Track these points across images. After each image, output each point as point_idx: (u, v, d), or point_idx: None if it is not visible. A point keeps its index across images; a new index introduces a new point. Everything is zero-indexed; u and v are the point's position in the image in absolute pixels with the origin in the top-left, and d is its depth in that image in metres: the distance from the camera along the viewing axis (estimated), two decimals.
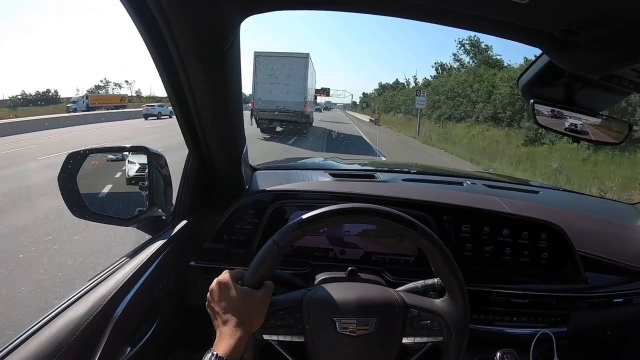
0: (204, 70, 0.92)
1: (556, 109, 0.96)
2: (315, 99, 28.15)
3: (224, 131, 1.14)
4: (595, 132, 0.98)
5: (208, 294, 0.86)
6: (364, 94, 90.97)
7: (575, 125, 0.96)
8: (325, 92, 39.15)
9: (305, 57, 17.90)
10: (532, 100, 0.96)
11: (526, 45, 0.79)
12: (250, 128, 15.93)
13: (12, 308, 2.92)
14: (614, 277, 1.25)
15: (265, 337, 0.83)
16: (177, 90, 0.99)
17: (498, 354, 1.01)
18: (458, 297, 0.85)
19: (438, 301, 0.86)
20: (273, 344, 0.85)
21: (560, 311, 1.16)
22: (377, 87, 71.56)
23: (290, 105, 16.90)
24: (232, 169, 1.26)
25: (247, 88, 17.67)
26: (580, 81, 0.92)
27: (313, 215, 0.84)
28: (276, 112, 16.89)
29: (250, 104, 17.58)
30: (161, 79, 0.97)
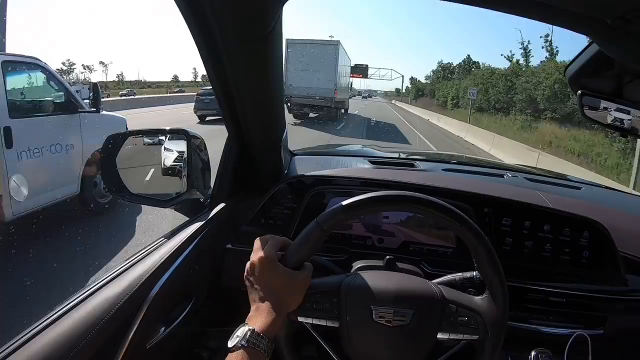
0: (246, 54, 0.91)
1: (604, 102, 0.91)
2: (351, 85, 28.21)
3: (264, 115, 1.13)
4: None
5: (248, 264, 0.85)
6: (412, 79, 72.90)
7: (624, 119, 0.90)
8: (361, 71, 34.16)
9: (336, 44, 18.36)
10: (579, 92, 0.91)
11: None
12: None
13: None
14: None
15: (300, 319, 0.82)
16: (219, 73, 0.98)
17: (532, 353, 0.99)
18: (498, 297, 0.82)
19: (478, 298, 0.84)
20: (307, 327, 0.84)
21: (597, 313, 1.12)
22: (435, 67, 54.94)
23: (321, 91, 17.39)
24: (271, 153, 1.25)
25: None
26: (631, 73, 0.86)
27: (358, 200, 0.82)
28: (307, 98, 17.36)
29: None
30: (203, 62, 0.96)
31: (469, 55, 52.99)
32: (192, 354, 1.15)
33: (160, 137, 1.28)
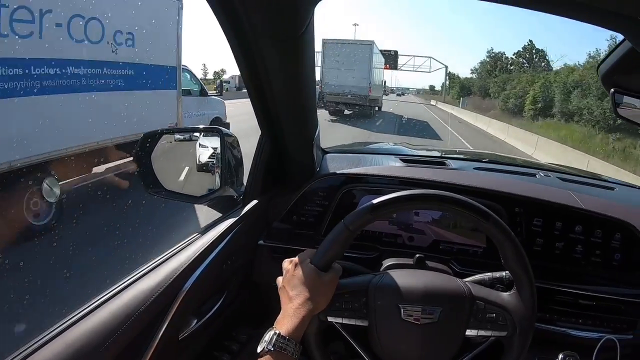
0: (280, 53, 0.93)
1: (638, 100, 0.87)
2: (384, 83, 28.14)
3: (297, 113, 1.14)
4: None
5: (283, 277, 0.87)
6: (450, 75, 55.00)
7: None
8: (388, 60, 28.52)
9: (370, 44, 18.87)
10: (612, 90, 0.88)
11: None
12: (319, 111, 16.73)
13: None
14: None
15: (330, 319, 0.83)
16: (252, 71, 1.00)
17: (560, 355, 0.98)
18: (526, 293, 0.82)
19: (505, 295, 0.84)
20: (336, 326, 0.85)
21: (627, 317, 1.09)
22: (483, 58, 44.45)
23: (355, 89, 17.86)
24: (303, 151, 1.26)
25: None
26: None
27: (384, 200, 0.83)
28: (342, 96, 17.87)
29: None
30: (236, 60, 0.98)
31: (531, 42, 39.99)
32: (222, 346, 1.18)
33: (192, 134, 1.31)
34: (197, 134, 1.31)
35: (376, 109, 21.02)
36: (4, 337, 2.31)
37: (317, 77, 18.61)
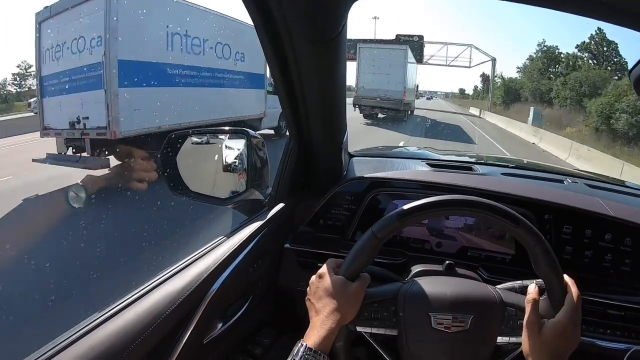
0: (314, 55, 0.92)
1: None
2: (417, 88, 27.33)
3: (327, 117, 1.13)
4: None
5: (308, 288, 0.86)
6: (483, 77, 45.38)
7: None
8: (413, 51, 23.10)
9: (405, 49, 19.41)
10: None
11: None
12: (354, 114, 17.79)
13: None
14: None
15: (359, 328, 0.82)
16: (284, 74, 0.99)
17: None
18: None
19: None
20: (366, 336, 0.84)
21: None
22: (535, 52, 34.05)
23: (390, 93, 18.16)
24: (332, 155, 1.25)
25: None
26: None
27: (412, 207, 0.82)
28: (377, 100, 18.18)
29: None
30: (268, 62, 0.98)
31: (600, 31, 28.31)
32: (246, 350, 1.17)
33: (210, 137, 1.32)
34: (221, 135, 1.31)
35: (409, 112, 21.28)
36: None
37: (353, 80, 19.11)
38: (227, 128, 1.28)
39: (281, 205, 1.23)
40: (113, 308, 0.82)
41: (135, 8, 6.32)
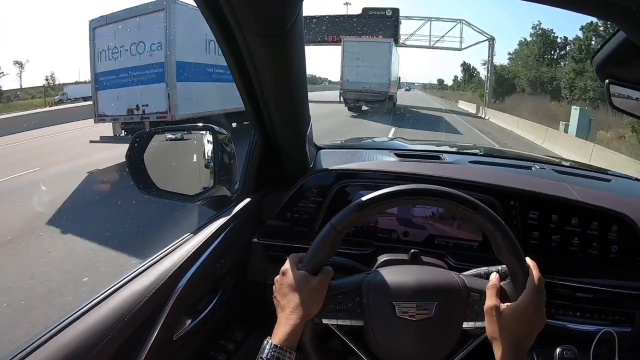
0: (268, 49, 0.91)
1: (633, 91, 0.87)
2: (399, 80, 26.85)
3: (288, 110, 1.13)
4: None
5: (274, 286, 0.87)
6: (467, 66, 43.95)
7: None
8: (386, 29, 22.26)
9: (389, 42, 19.78)
10: (607, 81, 0.88)
11: None
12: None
13: None
14: None
15: (324, 321, 0.83)
16: (241, 68, 0.99)
17: (558, 349, 0.99)
18: (520, 282, 0.79)
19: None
20: (332, 328, 0.84)
21: (625, 310, 1.09)
22: (523, 38, 31.25)
23: (375, 86, 18.55)
24: (296, 148, 1.25)
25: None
26: None
27: (370, 199, 0.82)
28: (362, 93, 18.60)
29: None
30: (225, 57, 0.98)
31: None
32: (218, 345, 1.17)
33: (183, 133, 1.31)
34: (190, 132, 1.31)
35: (393, 104, 21.56)
36: None
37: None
38: (193, 125, 1.26)
39: (247, 200, 1.24)
40: (80, 309, 0.82)
41: (186, 22, 8.48)
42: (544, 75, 27.23)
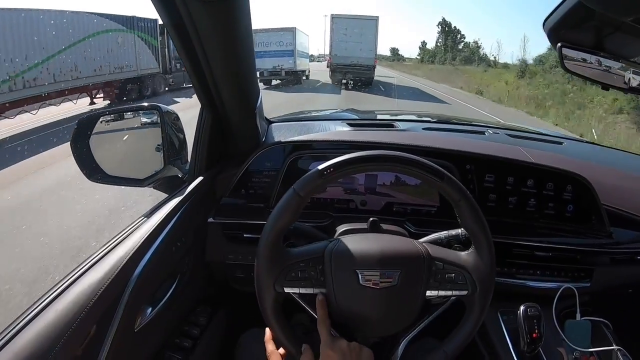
0: (210, 16, 0.86)
1: (585, 54, 0.90)
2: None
3: (235, 83, 1.08)
4: (626, 79, 0.90)
5: None
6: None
7: (605, 72, 0.90)
8: None
9: (376, 19, 20.82)
10: (559, 44, 0.90)
11: None
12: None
13: None
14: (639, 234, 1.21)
15: (286, 289, 0.80)
16: (184, 40, 0.93)
17: (522, 307, 1.01)
18: (484, 251, 0.81)
19: (463, 254, 0.84)
20: (294, 297, 0.83)
21: (584, 266, 1.15)
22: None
23: (362, 60, 19.77)
24: (246, 122, 1.22)
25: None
26: (611, 25, 0.84)
27: (335, 163, 0.80)
28: (350, 66, 19.96)
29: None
30: (167, 29, 0.92)
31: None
32: (183, 332, 1.15)
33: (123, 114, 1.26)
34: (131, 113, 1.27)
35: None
36: None
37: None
38: (139, 105, 1.21)
39: (200, 178, 1.19)
40: (31, 311, 0.76)
41: (300, 35, 20.53)
42: None
